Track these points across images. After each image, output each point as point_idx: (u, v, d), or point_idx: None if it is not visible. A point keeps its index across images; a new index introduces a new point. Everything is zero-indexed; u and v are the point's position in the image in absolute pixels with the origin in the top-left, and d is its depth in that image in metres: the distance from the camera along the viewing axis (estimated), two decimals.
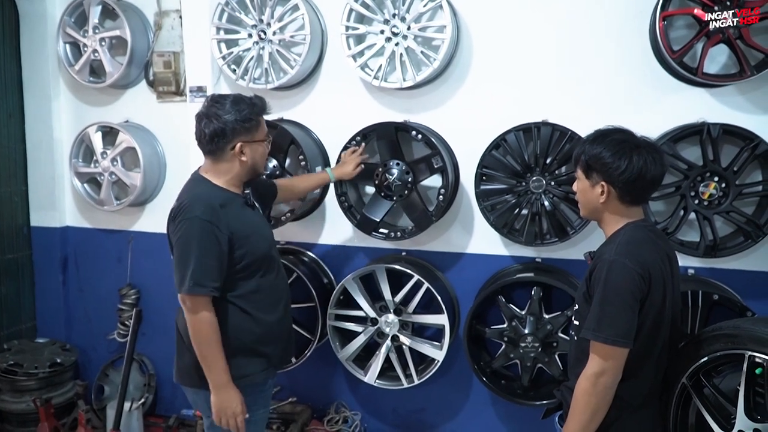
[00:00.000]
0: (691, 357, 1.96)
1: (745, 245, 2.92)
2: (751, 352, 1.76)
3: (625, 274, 1.91)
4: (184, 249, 2.30)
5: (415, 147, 3.44)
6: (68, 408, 4.01)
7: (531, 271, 3.27)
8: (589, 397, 1.93)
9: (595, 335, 1.92)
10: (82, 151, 4.04)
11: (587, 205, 2.13)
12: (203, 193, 2.39)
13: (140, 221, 4.15)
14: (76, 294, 4.39)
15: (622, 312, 1.90)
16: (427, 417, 3.76)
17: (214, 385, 2.34)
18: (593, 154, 2.03)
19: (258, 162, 2.49)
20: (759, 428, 1.76)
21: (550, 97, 3.27)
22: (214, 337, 2.31)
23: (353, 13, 3.33)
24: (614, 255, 1.95)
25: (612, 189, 2.01)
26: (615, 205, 2.05)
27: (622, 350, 1.90)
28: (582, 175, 2.10)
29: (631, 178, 1.97)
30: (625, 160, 1.97)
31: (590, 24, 3.19)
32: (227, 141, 2.38)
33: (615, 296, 1.91)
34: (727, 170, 2.89)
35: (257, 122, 2.43)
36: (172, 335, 4.09)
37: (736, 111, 3.04)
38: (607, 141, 2.03)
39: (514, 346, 3.21)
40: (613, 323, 1.89)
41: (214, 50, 3.56)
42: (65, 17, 3.92)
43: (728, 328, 1.89)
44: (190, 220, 2.30)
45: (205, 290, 2.28)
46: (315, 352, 3.58)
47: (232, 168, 2.44)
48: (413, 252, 3.62)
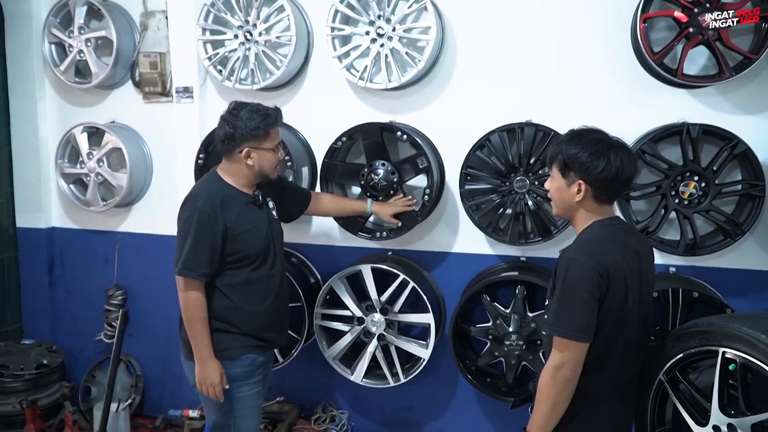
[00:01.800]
0: (667, 353, 1.99)
1: (725, 243, 2.96)
2: (725, 349, 1.80)
3: (582, 271, 1.95)
4: (182, 235, 2.60)
5: (401, 147, 3.47)
6: (55, 409, 4.00)
7: (515, 270, 3.30)
8: (549, 389, 2.00)
9: (553, 329, 1.99)
10: (68, 152, 4.04)
11: (561, 204, 2.15)
12: (210, 188, 2.67)
13: (127, 222, 4.16)
14: (63, 295, 4.39)
15: (580, 308, 1.95)
16: (413, 415, 3.79)
17: (197, 357, 2.62)
18: (571, 154, 2.05)
19: (265, 168, 2.69)
20: (733, 423, 1.80)
21: (533, 98, 3.31)
22: (199, 315, 2.59)
23: (338, 15, 3.35)
24: (574, 253, 2.01)
25: (589, 187, 2.04)
26: (589, 203, 2.08)
27: (580, 344, 1.96)
28: (558, 174, 2.12)
29: (608, 177, 2.01)
30: (603, 160, 2.01)
31: (573, 25, 3.23)
32: (236, 145, 2.61)
33: (573, 293, 1.96)
34: (707, 170, 2.94)
35: (266, 132, 2.64)
36: (159, 336, 4.14)
37: (716, 111, 3.09)
38: (584, 141, 2.06)
39: (498, 344, 3.24)
40: (570, 318, 1.95)
41: (200, 51, 3.57)
42: (50, 18, 3.92)
43: (703, 325, 1.93)
44: (192, 211, 2.58)
45: (194, 274, 2.56)
46: (302, 351, 3.59)
47: (240, 170, 2.68)
48: (399, 251, 3.65)
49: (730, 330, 1.79)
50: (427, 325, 3.35)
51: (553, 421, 2.03)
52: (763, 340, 1.69)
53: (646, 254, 2.16)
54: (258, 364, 2.75)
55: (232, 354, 2.66)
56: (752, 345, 1.72)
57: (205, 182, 2.74)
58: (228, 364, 2.65)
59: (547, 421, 2.03)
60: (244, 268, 2.66)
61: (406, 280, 3.30)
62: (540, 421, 2.04)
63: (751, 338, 1.72)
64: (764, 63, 2.97)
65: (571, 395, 2.00)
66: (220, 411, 2.73)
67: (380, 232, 3.37)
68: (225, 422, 2.75)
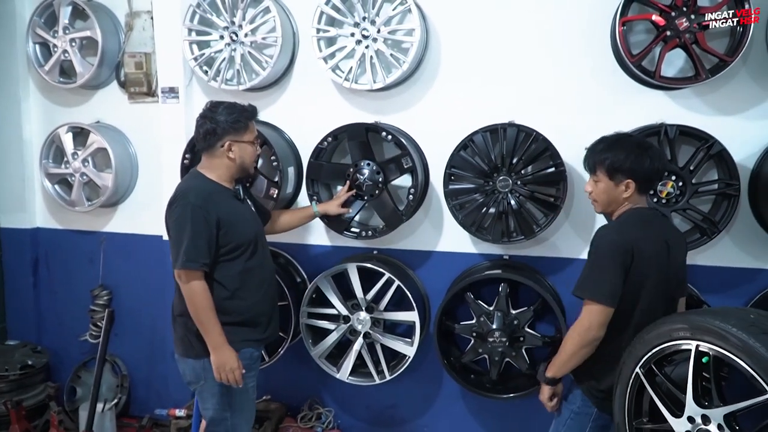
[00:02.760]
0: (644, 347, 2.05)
1: (702, 241, 3.04)
2: (698, 342, 1.86)
3: (610, 243, 2.28)
4: (179, 230, 2.63)
5: (386, 147, 3.51)
6: (40, 410, 4.00)
7: (499, 268, 3.36)
8: (573, 341, 2.32)
9: (581, 292, 2.31)
10: (53, 152, 4.04)
11: (608, 202, 2.44)
12: (196, 184, 2.73)
13: (112, 222, 4.16)
14: (48, 295, 4.38)
15: (606, 275, 2.25)
16: (399, 412, 3.84)
17: (212, 346, 2.64)
18: (618, 159, 2.36)
19: (246, 160, 2.78)
20: (706, 414, 1.86)
21: (516, 99, 3.37)
22: (207, 304, 2.62)
23: (324, 16, 3.38)
24: (604, 230, 2.36)
25: (635, 184, 2.36)
26: (634, 196, 2.39)
27: (606, 308, 2.25)
28: (605, 177, 2.40)
29: (651, 172, 2.37)
30: (646, 160, 2.34)
31: (555, 28, 3.29)
32: (218, 139, 2.70)
33: (601, 262, 2.27)
34: (684, 169, 3.01)
35: (246, 125, 2.74)
36: (145, 336, 4.14)
37: (693, 113, 3.17)
38: (624, 146, 2.38)
39: (482, 341, 3.29)
40: (597, 283, 2.26)
41: (185, 51, 3.59)
42: (35, 17, 3.92)
43: (677, 319, 1.98)
44: (184, 206, 2.62)
45: (196, 265, 2.60)
46: (289, 350, 3.62)
47: (222, 164, 2.75)
48: (385, 250, 3.69)
49: (704, 324, 1.85)
50: (412, 322, 3.39)
51: (568, 368, 2.40)
52: (734, 333, 1.75)
53: (677, 244, 2.44)
54: (255, 358, 2.83)
55: (235, 347, 2.69)
56: (724, 338, 1.78)
57: (190, 180, 2.80)
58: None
59: (565, 366, 2.39)
60: (239, 258, 2.72)
61: (391, 279, 3.34)
62: (559, 363, 2.40)
63: (723, 331, 1.78)
64: (740, 65, 3.07)
65: (588, 354, 2.31)
66: (219, 405, 2.77)
67: (365, 231, 3.41)
68: (222, 415, 2.78)
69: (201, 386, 2.77)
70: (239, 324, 2.74)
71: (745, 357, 1.72)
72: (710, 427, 1.86)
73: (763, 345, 1.69)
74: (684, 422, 1.93)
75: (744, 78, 3.10)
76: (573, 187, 3.32)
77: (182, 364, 2.80)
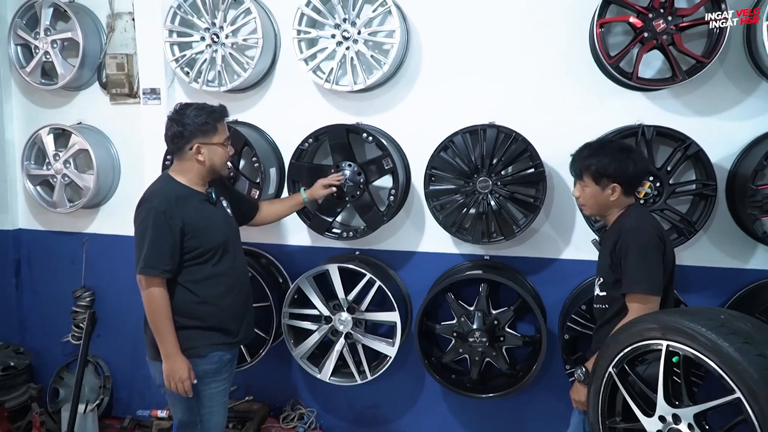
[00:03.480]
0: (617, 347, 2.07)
1: (679, 241, 3.06)
2: (669, 342, 1.88)
3: (647, 235, 2.37)
4: (140, 235, 2.61)
5: (368, 149, 3.51)
6: (23, 411, 3.99)
7: (479, 268, 3.37)
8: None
9: (633, 287, 2.35)
10: (35, 154, 4.03)
11: (597, 205, 2.54)
12: (163, 188, 2.69)
13: (95, 223, 4.15)
14: (31, 297, 4.36)
15: (653, 267, 2.34)
16: (382, 412, 3.85)
17: (164, 354, 2.62)
18: (604, 164, 2.45)
19: (216, 163, 2.73)
20: (677, 413, 1.88)
21: (497, 100, 3.39)
22: (164, 312, 2.60)
23: (305, 18, 3.39)
24: (634, 225, 2.41)
25: (620, 187, 2.45)
26: (621, 198, 2.49)
27: (657, 298, 2.34)
28: (591, 182, 2.50)
29: (634, 175, 2.46)
30: (630, 164, 2.44)
31: (534, 29, 3.31)
32: (186, 141, 2.66)
33: (645, 255, 2.35)
34: (661, 170, 3.03)
35: (214, 126, 2.69)
36: (128, 337, 4.13)
37: (672, 114, 3.20)
38: (610, 151, 2.48)
39: (463, 341, 3.31)
40: (647, 277, 2.34)
41: (167, 53, 3.58)
42: (16, 19, 3.90)
43: (649, 319, 2.00)
44: (148, 210, 2.60)
45: (155, 271, 2.57)
46: (271, 351, 3.63)
47: (191, 167, 2.71)
48: (367, 251, 3.70)
49: (673, 324, 1.87)
50: (393, 323, 3.40)
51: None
52: (703, 333, 1.76)
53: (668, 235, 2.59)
54: (225, 361, 2.78)
55: (200, 351, 2.68)
56: (693, 338, 1.79)
57: (158, 183, 2.75)
58: (197, 361, 2.67)
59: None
60: (206, 263, 2.68)
61: (373, 279, 3.35)
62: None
63: (692, 332, 1.79)
64: (717, 66, 3.10)
65: None
66: (187, 409, 2.74)
67: (347, 232, 3.42)
68: (192, 419, 2.76)
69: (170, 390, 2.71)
70: (207, 329, 2.69)
71: (713, 357, 1.73)
72: (681, 427, 1.87)
73: (731, 345, 1.70)
74: (655, 421, 1.94)
75: (722, 79, 3.13)
76: (553, 188, 3.34)
77: (152, 368, 2.76)
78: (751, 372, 1.63)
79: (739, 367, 1.66)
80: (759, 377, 1.62)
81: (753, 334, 1.74)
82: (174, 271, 2.62)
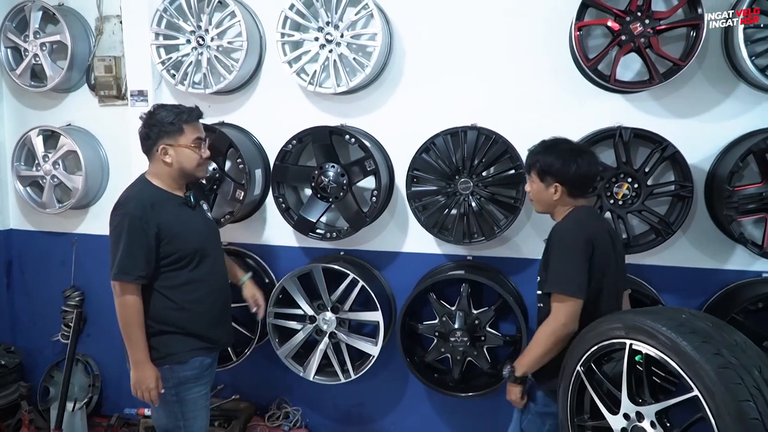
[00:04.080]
0: (584, 346, 2.11)
1: (657, 242, 3.09)
2: (632, 341, 1.92)
3: (572, 236, 2.36)
4: (115, 240, 2.58)
5: (352, 150, 3.55)
6: (13, 410, 4.05)
7: (462, 268, 3.41)
8: (547, 337, 2.34)
9: (551, 287, 2.36)
10: (24, 155, 4.07)
11: (542, 203, 2.56)
12: (139, 192, 2.65)
13: (84, 224, 4.19)
14: (21, 296, 4.41)
15: (574, 266, 2.32)
16: (366, 410, 3.88)
17: (133, 361, 2.60)
18: (547, 162, 2.48)
19: (185, 165, 2.67)
20: (640, 411, 1.92)
21: (479, 102, 3.42)
22: (136, 320, 2.56)
23: (288, 21, 3.42)
24: (562, 226, 2.45)
25: (563, 187, 2.47)
26: (565, 199, 2.50)
27: (577, 300, 2.31)
28: (537, 179, 2.53)
29: (577, 177, 2.45)
30: (573, 165, 2.44)
31: (516, 32, 3.34)
32: (152, 143, 2.65)
33: (567, 256, 2.34)
34: (639, 171, 3.07)
35: (179, 128, 2.63)
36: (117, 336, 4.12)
37: (651, 116, 3.23)
38: (557, 150, 2.49)
39: (444, 340, 3.34)
40: (568, 278, 2.32)
41: (153, 55, 3.62)
42: (6, 22, 3.95)
43: (613, 319, 2.04)
44: (123, 215, 2.57)
45: (130, 278, 2.54)
46: (256, 350, 3.67)
47: (162, 170, 2.68)
48: (352, 251, 3.74)
49: (637, 323, 1.91)
50: (377, 322, 3.43)
51: (539, 364, 2.40)
52: (663, 332, 1.80)
53: (617, 238, 2.56)
54: (206, 366, 2.76)
55: (181, 358, 2.65)
56: (654, 337, 1.83)
57: (134, 186, 2.70)
58: (177, 368, 2.65)
59: (536, 362, 2.39)
60: (182, 269, 2.64)
61: (356, 279, 3.39)
62: (530, 360, 2.41)
63: (653, 330, 1.83)
64: (696, 69, 3.13)
65: (561, 350, 2.32)
66: (171, 415, 2.71)
67: (330, 233, 3.46)
68: (176, 424, 2.72)
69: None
70: (186, 334, 2.66)
71: (673, 355, 1.78)
72: (644, 424, 1.92)
73: (690, 344, 1.74)
74: (620, 419, 1.99)
75: (700, 81, 3.16)
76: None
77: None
78: (708, 370, 1.68)
79: (697, 365, 1.70)
80: (715, 375, 1.66)
81: (712, 333, 1.78)
82: (148, 277, 2.58)
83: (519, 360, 2.46)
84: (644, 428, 1.92)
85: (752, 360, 1.70)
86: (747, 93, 3.11)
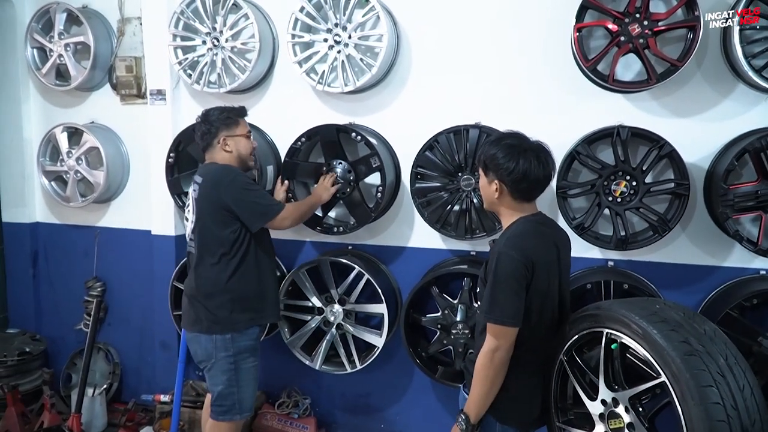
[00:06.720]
0: (566, 336, 2.19)
1: (654, 239, 3.15)
2: (608, 330, 2.00)
3: (510, 263, 2.12)
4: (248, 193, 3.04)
5: (360, 148, 3.65)
6: (37, 395, 4.22)
7: (465, 263, 3.50)
8: (486, 371, 2.15)
9: (487, 317, 2.15)
10: (50, 151, 4.27)
11: (486, 199, 2.35)
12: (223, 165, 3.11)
13: (106, 217, 4.38)
14: (46, 287, 4.61)
15: (510, 296, 2.12)
16: (373, 401, 4.00)
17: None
18: (489, 155, 2.24)
19: (242, 152, 3.15)
20: (616, 397, 2.00)
21: (483, 101, 3.51)
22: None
23: (299, 23, 3.55)
24: (503, 247, 2.17)
25: (503, 186, 2.23)
26: (508, 200, 2.26)
27: (511, 329, 2.12)
28: (482, 172, 2.32)
29: (516, 178, 2.19)
30: (513, 163, 2.18)
31: (519, 33, 3.43)
32: (213, 136, 3.09)
33: (503, 283, 2.12)
34: (636, 169, 3.13)
35: (236, 121, 3.14)
36: (137, 325, 4.35)
37: (651, 115, 3.29)
38: (502, 144, 2.24)
39: (446, 333, 3.44)
40: (502, 306, 2.12)
41: (171, 56, 3.78)
42: (33, 24, 4.14)
43: (592, 309, 2.12)
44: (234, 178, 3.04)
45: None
46: (269, 340, 3.81)
47: (224, 157, 3.11)
48: (359, 246, 3.86)
49: (613, 313, 1.99)
50: (382, 315, 3.55)
51: (489, 401, 2.19)
52: (635, 321, 1.88)
53: (564, 245, 2.36)
54: (259, 338, 3.17)
55: (242, 326, 3.04)
56: (627, 326, 1.91)
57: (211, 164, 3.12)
58: (237, 337, 3.03)
59: (485, 400, 2.19)
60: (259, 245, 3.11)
61: (361, 273, 3.50)
62: (477, 401, 2.19)
63: (626, 319, 1.92)
64: (695, 69, 3.18)
65: (504, 375, 2.17)
66: (227, 381, 3.05)
67: (338, 227, 3.57)
68: (230, 390, 3.06)
69: (212, 364, 3.04)
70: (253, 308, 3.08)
71: (643, 343, 1.86)
72: (619, 410, 2.00)
73: (659, 332, 1.82)
74: (598, 405, 2.07)
75: (699, 81, 3.21)
76: None
77: (194, 344, 3.09)
78: (674, 356, 1.76)
79: (664, 352, 1.78)
80: (681, 362, 1.74)
81: (682, 323, 1.86)
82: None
83: (467, 405, 2.23)
84: (619, 413, 2.00)
85: (719, 348, 1.78)
86: (745, 93, 3.15)
